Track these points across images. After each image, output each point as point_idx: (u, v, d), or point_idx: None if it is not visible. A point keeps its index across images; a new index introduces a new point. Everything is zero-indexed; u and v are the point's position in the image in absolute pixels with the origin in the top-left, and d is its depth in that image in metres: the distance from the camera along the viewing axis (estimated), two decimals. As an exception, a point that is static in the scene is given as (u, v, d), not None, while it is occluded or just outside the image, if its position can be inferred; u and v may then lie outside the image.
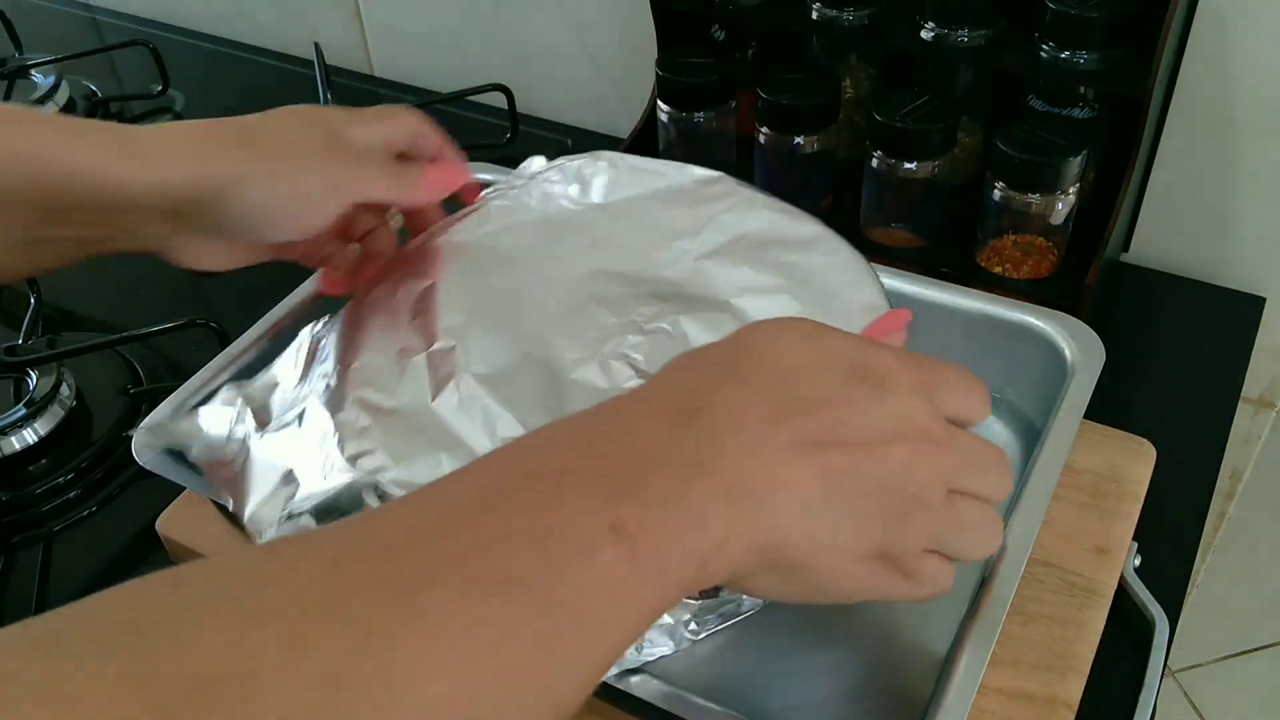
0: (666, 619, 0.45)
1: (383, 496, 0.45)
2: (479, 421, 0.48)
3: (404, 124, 0.54)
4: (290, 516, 0.46)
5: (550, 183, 0.59)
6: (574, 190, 0.59)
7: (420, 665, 0.26)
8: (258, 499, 0.47)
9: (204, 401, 0.54)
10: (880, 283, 0.53)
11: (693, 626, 0.47)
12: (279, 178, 0.49)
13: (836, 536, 0.35)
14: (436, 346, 0.51)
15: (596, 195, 0.58)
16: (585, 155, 0.60)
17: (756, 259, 0.54)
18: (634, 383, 0.49)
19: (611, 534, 0.30)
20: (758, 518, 0.33)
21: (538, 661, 0.28)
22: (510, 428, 0.47)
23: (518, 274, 0.55)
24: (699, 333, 0.51)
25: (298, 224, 0.50)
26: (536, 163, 0.63)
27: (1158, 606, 0.52)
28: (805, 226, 0.55)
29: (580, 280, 0.54)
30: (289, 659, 0.25)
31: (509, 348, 0.51)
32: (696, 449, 0.33)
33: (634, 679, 0.43)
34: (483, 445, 0.47)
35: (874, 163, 0.68)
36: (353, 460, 0.46)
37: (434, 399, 0.49)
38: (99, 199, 0.47)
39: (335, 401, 0.49)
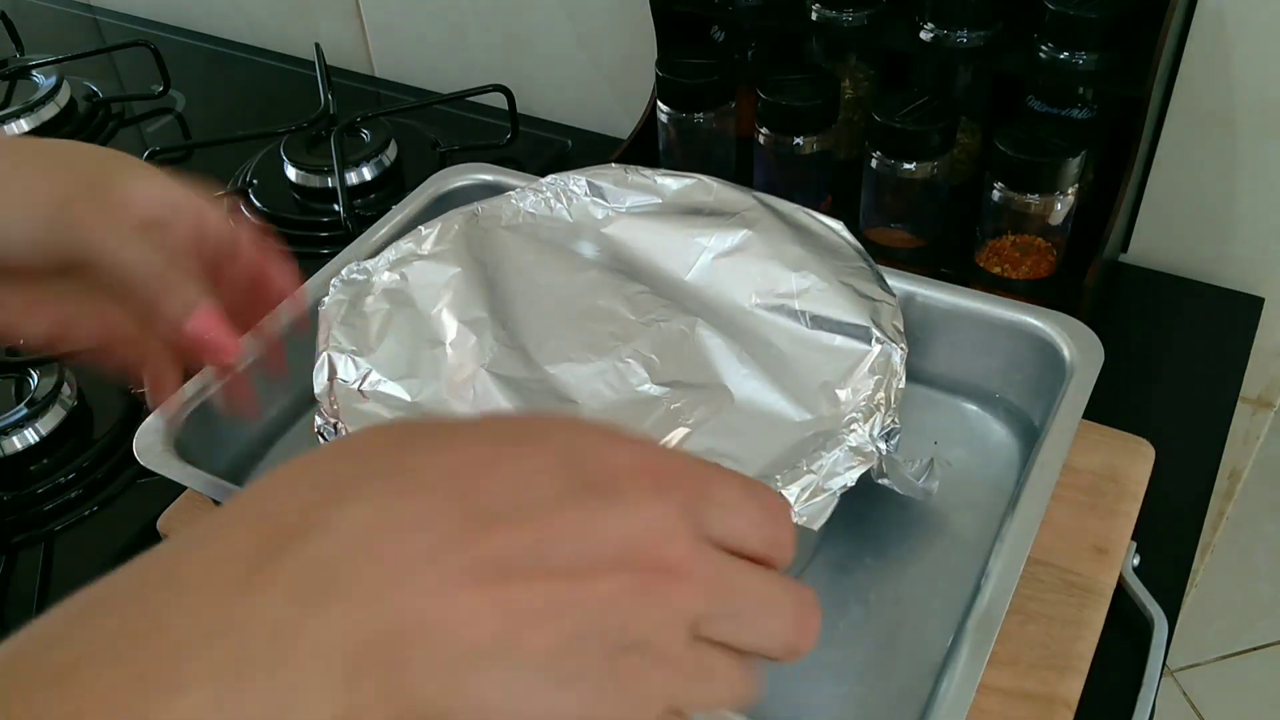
0: None
1: None
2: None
3: (203, 209, 0.43)
4: None
5: (570, 189, 0.59)
6: (593, 197, 0.59)
7: None
8: None
9: (205, 403, 0.55)
10: (878, 272, 0.54)
11: None
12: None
13: (528, 703, 0.24)
14: (455, 339, 0.51)
15: (614, 201, 0.58)
16: (602, 166, 0.60)
17: (773, 260, 0.54)
18: (647, 386, 0.49)
19: None
20: (399, 680, 0.23)
21: None
22: None
23: (537, 276, 0.55)
24: (713, 335, 0.51)
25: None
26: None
27: (1156, 606, 0.52)
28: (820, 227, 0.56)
29: (598, 283, 0.54)
30: None
31: (527, 347, 0.51)
32: (282, 616, 0.23)
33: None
34: None
35: (873, 163, 0.68)
36: None
37: (451, 394, 0.49)
38: None
39: (354, 392, 0.49)
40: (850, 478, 0.45)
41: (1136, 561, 0.54)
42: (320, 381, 0.50)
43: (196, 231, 0.44)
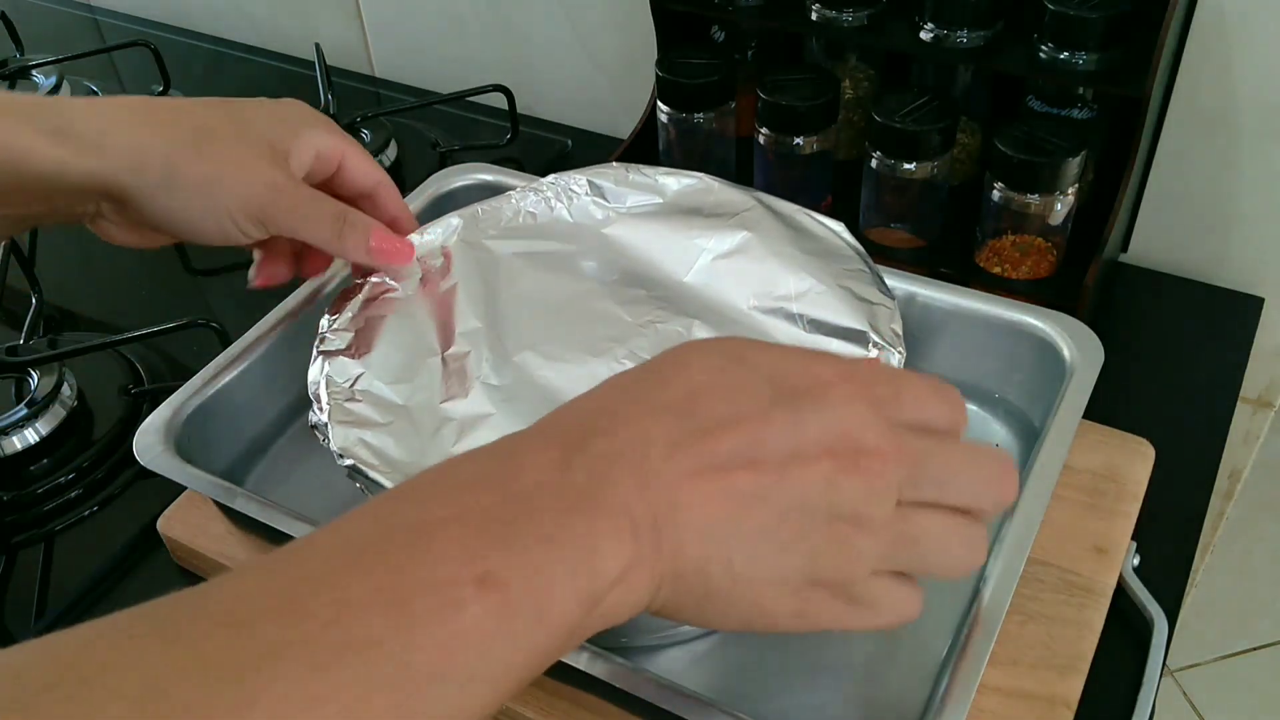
0: None
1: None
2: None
3: (339, 145, 0.54)
4: None
5: (570, 189, 0.59)
6: (594, 196, 0.59)
7: None
8: None
9: (205, 403, 0.55)
10: (880, 277, 0.54)
11: None
12: (208, 193, 0.49)
13: (753, 566, 0.32)
14: (453, 350, 0.51)
15: (615, 201, 0.58)
16: (603, 165, 0.60)
17: (772, 262, 0.54)
18: None
19: (478, 586, 0.28)
20: (659, 546, 0.31)
21: None
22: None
23: (536, 279, 0.55)
24: (709, 337, 0.51)
25: (219, 237, 0.51)
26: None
27: (1156, 606, 0.52)
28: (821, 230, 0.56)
29: (596, 285, 0.54)
30: None
31: (522, 354, 0.51)
32: (588, 484, 0.31)
33: (634, 677, 0.43)
34: None
35: (873, 163, 0.68)
36: (343, 454, 0.47)
37: (442, 403, 0.49)
38: (35, 182, 0.48)
39: (346, 391, 0.49)
40: None
41: (1136, 561, 0.54)
42: (314, 380, 0.50)
43: (339, 170, 0.54)
